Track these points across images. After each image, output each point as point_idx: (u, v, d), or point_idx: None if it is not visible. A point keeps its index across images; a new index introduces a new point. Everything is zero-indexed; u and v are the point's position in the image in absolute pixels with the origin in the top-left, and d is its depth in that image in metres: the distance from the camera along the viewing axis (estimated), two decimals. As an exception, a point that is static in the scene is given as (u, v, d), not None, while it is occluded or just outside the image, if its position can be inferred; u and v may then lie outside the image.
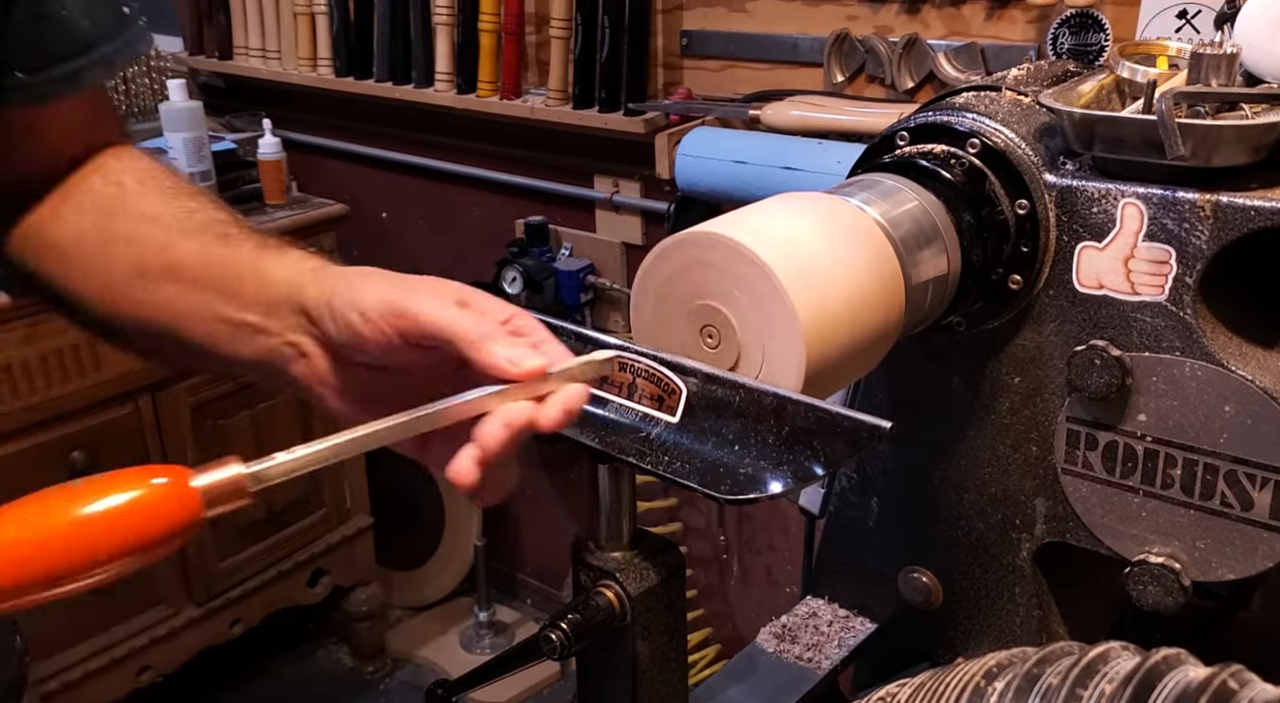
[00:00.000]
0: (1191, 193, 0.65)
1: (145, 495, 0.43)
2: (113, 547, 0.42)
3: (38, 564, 0.42)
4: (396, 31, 2.12)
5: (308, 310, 0.57)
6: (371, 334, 0.54)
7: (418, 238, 2.45)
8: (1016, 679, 0.38)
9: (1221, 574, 0.69)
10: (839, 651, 0.87)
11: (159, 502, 0.44)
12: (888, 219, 0.66)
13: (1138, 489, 0.71)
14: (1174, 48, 0.78)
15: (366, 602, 2.40)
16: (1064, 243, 0.70)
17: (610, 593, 0.61)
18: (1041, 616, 0.80)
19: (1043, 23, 1.47)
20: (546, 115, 1.93)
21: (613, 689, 0.64)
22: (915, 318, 0.68)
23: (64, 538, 0.42)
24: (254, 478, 0.46)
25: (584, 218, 2.11)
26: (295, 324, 0.58)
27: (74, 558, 0.42)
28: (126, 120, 2.16)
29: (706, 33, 1.81)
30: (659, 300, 0.61)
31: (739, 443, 0.55)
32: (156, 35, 2.61)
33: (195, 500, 0.44)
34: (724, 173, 1.66)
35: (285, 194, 2.18)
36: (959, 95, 0.76)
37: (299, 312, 0.57)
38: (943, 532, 0.82)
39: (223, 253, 0.63)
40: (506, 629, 2.51)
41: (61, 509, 0.42)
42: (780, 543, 2.08)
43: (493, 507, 2.54)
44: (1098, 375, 0.69)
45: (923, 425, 0.81)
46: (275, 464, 0.47)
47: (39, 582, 0.42)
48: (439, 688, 0.65)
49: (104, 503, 0.42)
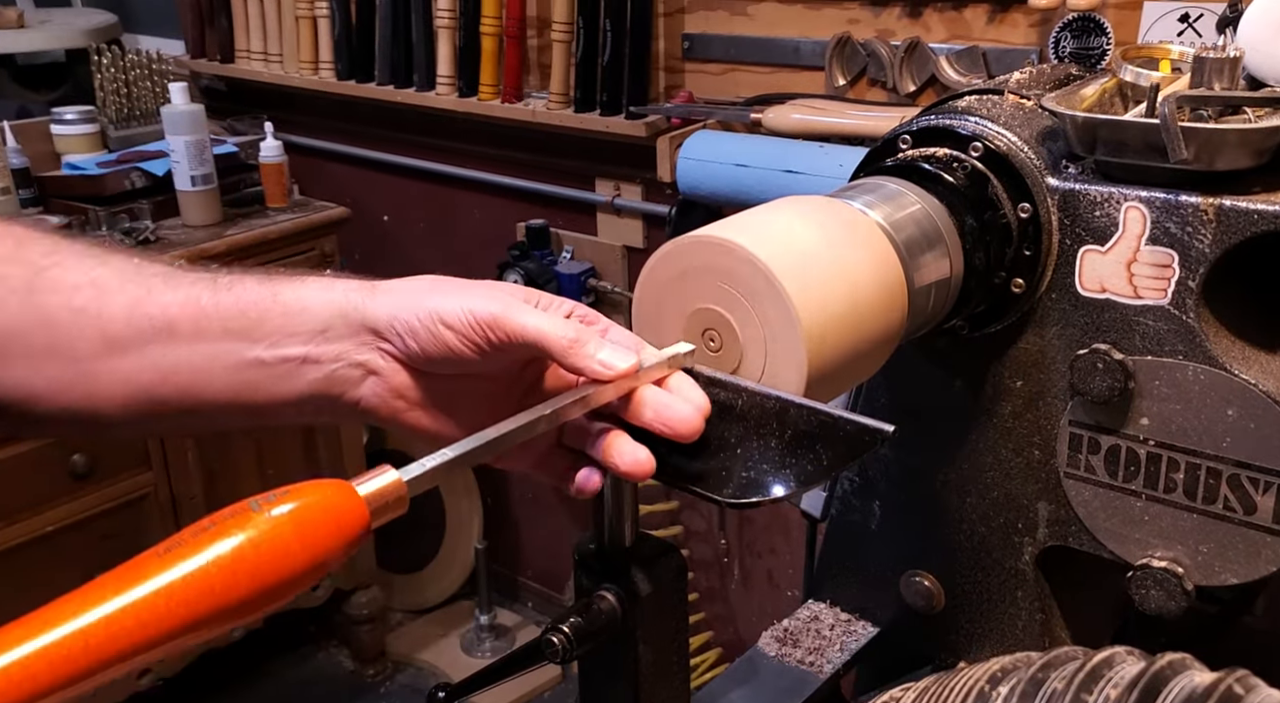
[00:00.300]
0: (1194, 196, 0.65)
1: (321, 506, 0.43)
2: (308, 561, 0.42)
3: (256, 580, 0.41)
4: (398, 35, 2.12)
5: (375, 328, 0.56)
6: (460, 343, 0.54)
7: (419, 241, 2.45)
8: (1021, 684, 0.38)
9: (1225, 579, 0.69)
10: (840, 654, 0.87)
11: (336, 512, 0.43)
12: (890, 222, 0.66)
13: (1140, 493, 0.71)
14: (1176, 51, 0.78)
15: (367, 605, 2.39)
16: (1066, 246, 0.70)
17: (612, 596, 0.61)
18: (1044, 620, 0.80)
19: (1044, 26, 1.47)
20: (548, 118, 1.93)
21: (614, 693, 0.64)
22: (918, 321, 0.68)
23: (271, 551, 0.41)
24: (411, 483, 0.46)
25: (585, 221, 2.11)
26: (359, 345, 0.56)
27: (281, 573, 0.41)
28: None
29: (708, 36, 1.81)
30: (660, 304, 0.61)
31: (741, 446, 0.55)
32: (158, 39, 2.62)
33: (363, 510, 0.44)
34: (725, 176, 1.66)
35: (287, 197, 2.18)
36: (961, 99, 0.76)
37: (362, 331, 0.56)
38: (945, 536, 0.82)
39: (222, 297, 0.58)
40: (507, 633, 2.51)
41: (254, 524, 0.41)
42: (781, 547, 2.08)
43: (493, 509, 2.54)
44: (1100, 379, 0.69)
45: (925, 429, 0.81)
46: (426, 470, 0.47)
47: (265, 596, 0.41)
48: (440, 692, 0.65)
49: (289, 513, 0.42)
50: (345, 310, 0.56)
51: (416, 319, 0.55)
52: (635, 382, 0.54)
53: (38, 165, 2.09)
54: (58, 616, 0.38)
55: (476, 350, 0.54)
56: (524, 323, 0.53)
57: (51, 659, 0.37)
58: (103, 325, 0.57)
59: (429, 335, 0.54)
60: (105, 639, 0.38)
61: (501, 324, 0.53)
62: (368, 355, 0.57)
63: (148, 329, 0.57)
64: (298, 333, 0.57)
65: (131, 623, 0.38)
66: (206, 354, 0.57)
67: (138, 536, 1.98)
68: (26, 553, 1.83)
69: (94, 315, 0.57)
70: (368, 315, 0.56)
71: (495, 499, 2.54)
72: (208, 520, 0.41)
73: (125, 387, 0.57)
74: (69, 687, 0.38)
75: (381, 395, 0.57)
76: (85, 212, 1.98)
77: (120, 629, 0.38)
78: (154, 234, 1.97)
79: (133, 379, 0.57)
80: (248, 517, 0.41)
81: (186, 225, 2.04)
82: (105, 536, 1.93)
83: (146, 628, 0.39)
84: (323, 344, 0.56)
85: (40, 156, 2.13)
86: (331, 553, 0.43)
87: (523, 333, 0.53)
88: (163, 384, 0.57)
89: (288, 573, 0.41)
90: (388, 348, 0.56)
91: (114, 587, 0.39)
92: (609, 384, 0.54)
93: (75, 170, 2.09)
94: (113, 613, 0.38)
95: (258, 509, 0.41)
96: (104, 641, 0.38)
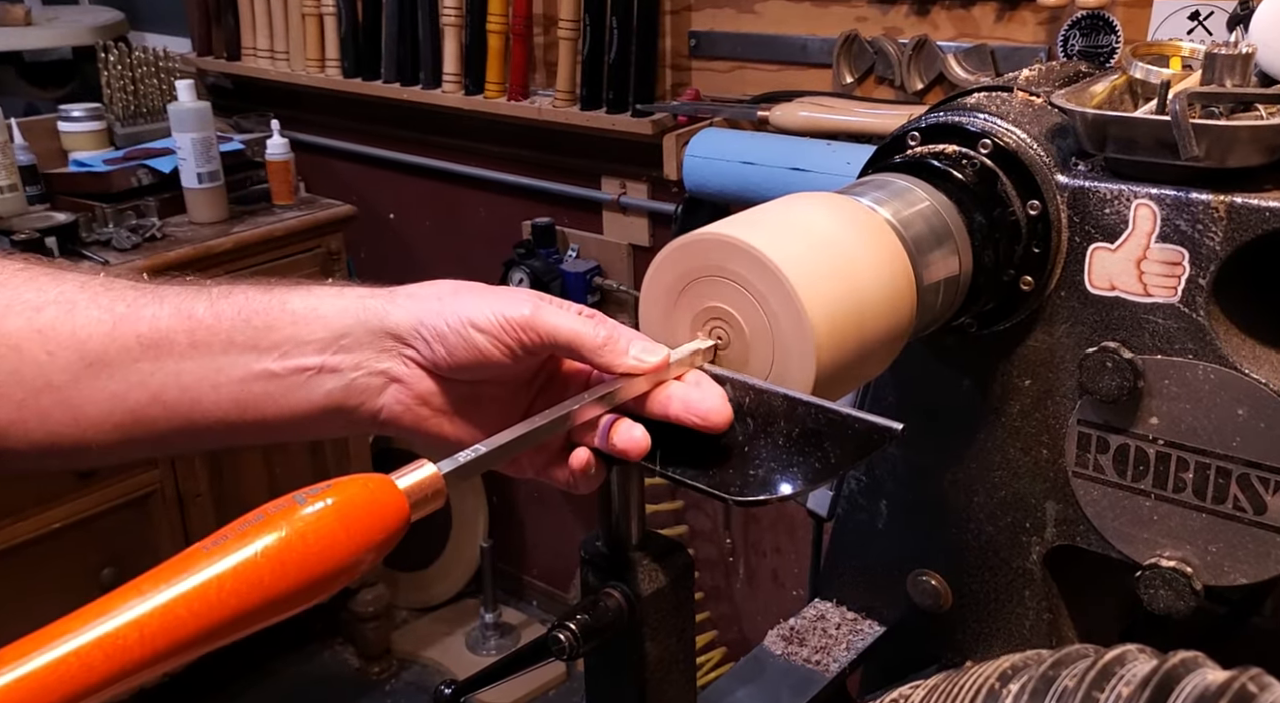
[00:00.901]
0: (1205, 194, 0.64)
1: (364, 498, 0.43)
2: (353, 552, 0.42)
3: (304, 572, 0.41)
4: (404, 33, 2.12)
5: (398, 334, 0.55)
6: (491, 346, 0.54)
7: (425, 239, 2.45)
8: (1032, 682, 0.38)
9: (1234, 579, 0.69)
10: (847, 653, 0.87)
11: (378, 504, 0.44)
12: (899, 219, 0.66)
13: (1149, 492, 0.71)
14: (1187, 48, 0.77)
15: (373, 602, 2.40)
16: (1076, 244, 0.70)
17: (619, 594, 0.61)
18: (1052, 619, 0.80)
19: (1053, 24, 1.47)
20: (554, 116, 1.93)
21: (620, 690, 0.64)
22: (926, 319, 0.68)
23: (318, 543, 0.42)
24: (449, 477, 0.47)
25: (591, 219, 2.11)
26: (379, 352, 0.55)
27: (327, 565, 0.42)
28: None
29: (715, 34, 1.80)
30: (667, 302, 0.61)
31: (748, 444, 0.55)
32: (165, 36, 2.62)
33: (403, 502, 0.45)
34: (732, 174, 1.65)
35: (294, 195, 2.18)
36: (970, 96, 0.76)
37: (384, 337, 0.55)
38: (952, 535, 0.82)
39: (221, 307, 0.55)
40: (512, 631, 2.51)
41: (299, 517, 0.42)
42: (787, 546, 2.07)
43: (499, 508, 2.54)
44: (1109, 378, 0.68)
45: (933, 428, 0.80)
46: (461, 464, 0.48)
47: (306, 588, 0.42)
48: (446, 688, 0.65)
49: (334, 505, 0.42)
50: (363, 317, 0.55)
51: (446, 324, 0.54)
52: (663, 375, 0.55)
53: (45, 162, 2.10)
54: (112, 606, 0.39)
55: (508, 353, 0.54)
56: (557, 324, 0.54)
57: (107, 650, 0.38)
58: (78, 344, 0.54)
59: (459, 340, 0.54)
60: (159, 630, 0.38)
61: (534, 326, 0.54)
62: (389, 362, 0.56)
63: (134, 346, 0.54)
64: (311, 341, 0.55)
65: (184, 613, 0.39)
66: (206, 368, 0.54)
67: (144, 533, 1.98)
68: (33, 550, 1.83)
69: (66, 334, 0.54)
70: (388, 322, 0.55)
71: (501, 498, 2.54)
72: (255, 513, 0.42)
73: (111, 407, 0.54)
74: (123, 678, 0.38)
75: (405, 403, 0.56)
76: (92, 209, 1.98)
77: (174, 619, 0.39)
78: (160, 232, 1.97)
79: (119, 399, 0.54)
80: (294, 509, 0.42)
81: (193, 223, 2.04)
82: (111, 533, 1.94)
83: (199, 618, 0.39)
84: (340, 352, 0.55)
85: (47, 154, 2.14)
86: (375, 544, 0.43)
87: (555, 334, 0.54)
88: (152, 403, 0.54)
89: (334, 564, 0.42)
90: (411, 354, 0.56)
91: (166, 578, 0.39)
92: (637, 379, 0.54)
93: (82, 168, 2.09)
94: (166, 603, 0.39)
95: (303, 502, 0.42)
96: (158, 631, 0.38)
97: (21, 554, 1.82)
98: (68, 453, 0.55)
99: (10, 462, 0.55)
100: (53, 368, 0.53)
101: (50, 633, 0.37)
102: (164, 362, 0.54)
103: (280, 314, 0.55)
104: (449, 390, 0.57)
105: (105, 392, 0.54)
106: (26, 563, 1.82)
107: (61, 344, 0.54)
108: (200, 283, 0.57)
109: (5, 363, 0.53)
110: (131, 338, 0.54)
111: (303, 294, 0.56)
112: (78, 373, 0.54)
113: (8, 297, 0.54)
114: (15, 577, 1.80)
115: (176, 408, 0.55)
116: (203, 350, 0.54)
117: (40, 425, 0.54)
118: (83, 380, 0.54)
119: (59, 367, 0.53)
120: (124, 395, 0.54)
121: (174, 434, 0.56)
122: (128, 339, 0.54)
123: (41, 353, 0.53)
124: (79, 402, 0.54)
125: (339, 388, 0.55)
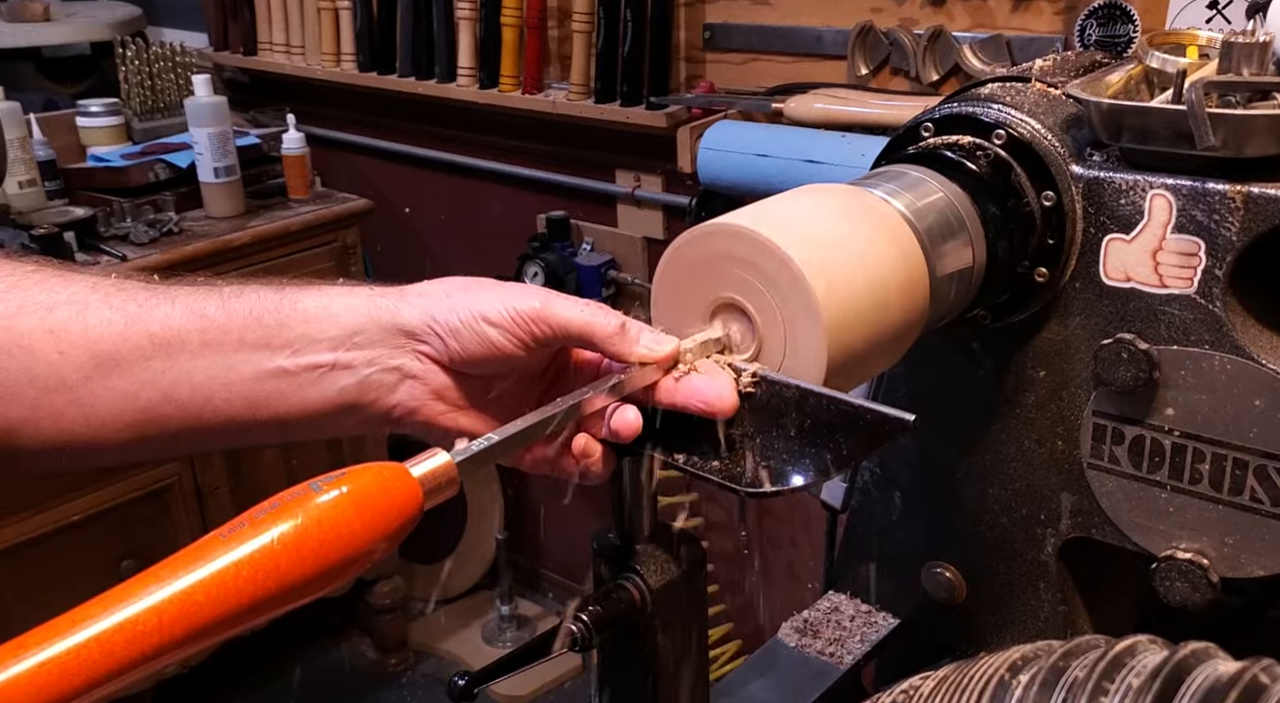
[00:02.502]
0: (1222, 184, 0.64)
1: (379, 486, 0.44)
2: (369, 539, 0.43)
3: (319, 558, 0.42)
4: (419, 26, 2.13)
5: (410, 331, 0.56)
6: (504, 339, 0.54)
7: (440, 232, 2.46)
8: (1042, 673, 0.38)
9: (1251, 571, 0.68)
10: (861, 646, 0.87)
11: (393, 492, 0.44)
12: (912, 211, 0.65)
13: (1165, 484, 0.70)
14: (1204, 37, 0.77)
15: (389, 595, 2.41)
16: (1091, 235, 0.69)
17: (631, 586, 0.61)
18: (1066, 612, 0.79)
19: (1070, 14, 1.46)
20: (568, 110, 1.93)
21: (634, 682, 0.64)
22: (940, 311, 0.68)
23: (334, 530, 0.42)
24: (461, 466, 0.47)
25: (605, 212, 2.11)
26: (393, 349, 0.56)
27: (343, 552, 0.42)
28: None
29: (729, 26, 1.80)
30: (679, 292, 0.61)
31: (760, 436, 0.55)
32: (182, 31, 2.64)
33: (417, 490, 0.45)
34: (746, 167, 1.65)
35: (309, 189, 2.19)
36: (985, 86, 0.75)
37: (396, 334, 0.56)
38: (966, 527, 0.82)
39: (232, 306, 0.55)
40: (528, 623, 2.52)
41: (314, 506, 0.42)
42: (802, 539, 2.07)
43: (514, 500, 2.55)
44: (1125, 369, 0.68)
45: (947, 419, 0.80)
46: (473, 452, 0.48)
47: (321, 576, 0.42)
48: (459, 680, 0.65)
49: (349, 493, 0.43)
50: (375, 315, 0.56)
51: (458, 319, 0.55)
52: (673, 365, 0.56)
53: (63, 157, 2.11)
54: (132, 593, 0.39)
55: (521, 345, 0.55)
56: (569, 314, 0.54)
57: (127, 635, 0.38)
58: (90, 343, 0.54)
59: (472, 334, 0.55)
60: (178, 616, 0.39)
61: (546, 317, 0.54)
62: (403, 359, 0.56)
63: (146, 345, 0.54)
64: (323, 339, 0.55)
65: (202, 599, 0.39)
66: (218, 366, 0.54)
67: (162, 526, 2.00)
68: (53, 542, 1.85)
69: (78, 333, 0.54)
70: (401, 318, 0.56)
71: (516, 490, 2.55)
72: (271, 501, 0.42)
73: (123, 406, 0.54)
74: (143, 663, 0.38)
75: (420, 399, 0.57)
76: (110, 203, 2.00)
77: (192, 606, 0.39)
78: (177, 226, 1.98)
79: (131, 398, 0.54)
80: (310, 497, 0.42)
81: (210, 217, 2.05)
82: (130, 525, 1.95)
83: (216, 605, 0.40)
84: (353, 350, 0.55)
85: (66, 149, 2.15)
86: (389, 532, 0.44)
87: (567, 325, 0.54)
88: (164, 402, 0.54)
89: (349, 551, 0.42)
90: (424, 350, 0.56)
91: (184, 565, 0.40)
92: (646, 369, 0.55)
93: (100, 162, 2.11)
94: (184, 590, 0.39)
95: (319, 490, 0.42)
96: (176, 617, 0.39)
97: (42, 546, 1.83)
98: (80, 452, 0.55)
99: (23, 461, 0.55)
100: (65, 367, 0.53)
101: (71, 619, 0.38)
102: (176, 360, 0.54)
103: (292, 312, 0.55)
104: (461, 385, 0.57)
105: (117, 391, 0.54)
106: (47, 555, 1.84)
107: (73, 343, 0.53)
108: (212, 282, 0.57)
109: (17, 363, 0.53)
110: (143, 337, 0.54)
111: (314, 293, 0.57)
112: (89, 372, 0.53)
113: (20, 297, 0.54)
114: (36, 568, 1.82)
115: (188, 407, 0.55)
116: (215, 349, 0.54)
117: (52, 425, 0.54)
118: (94, 380, 0.54)
119: (71, 366, 0.53)
120: (136, 395, 0.54)
121: (186, 433, 0.56)
122: (139, 338, 0.54)
123: (53, 352, 0.53)
124: (91, 401, 0.54)
125: (352, 385, 0.56)
